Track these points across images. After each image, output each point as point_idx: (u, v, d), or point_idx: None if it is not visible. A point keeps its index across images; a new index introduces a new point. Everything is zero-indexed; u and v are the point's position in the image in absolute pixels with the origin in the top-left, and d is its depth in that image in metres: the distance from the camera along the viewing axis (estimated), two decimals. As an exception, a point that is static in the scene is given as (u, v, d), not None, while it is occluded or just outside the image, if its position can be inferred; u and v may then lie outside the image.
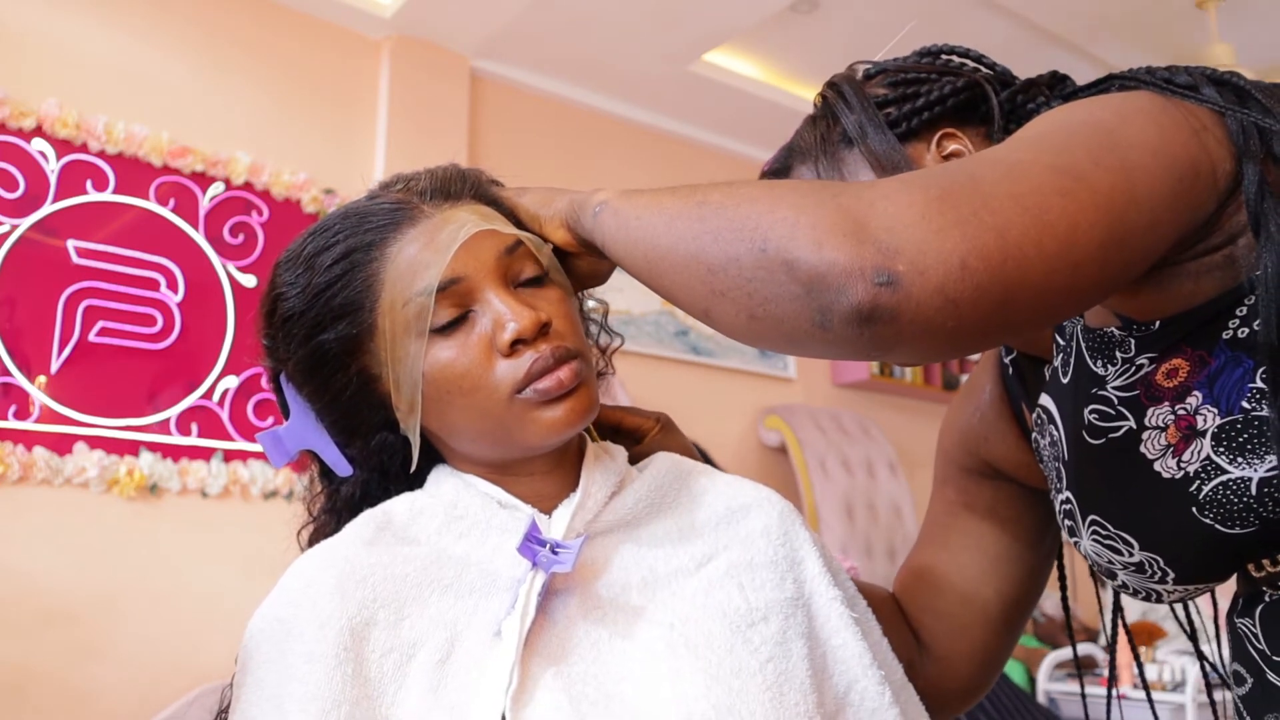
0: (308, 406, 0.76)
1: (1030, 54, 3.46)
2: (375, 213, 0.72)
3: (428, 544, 0.71)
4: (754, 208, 0.57)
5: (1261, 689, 0.74)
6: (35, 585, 2.34)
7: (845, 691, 0.73)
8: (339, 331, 0.71)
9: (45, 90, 2.55)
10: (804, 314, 0.54)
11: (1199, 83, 0.70)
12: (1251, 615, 0.74)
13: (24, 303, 2.45)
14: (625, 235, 0.66)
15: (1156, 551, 0.73)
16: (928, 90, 0.85)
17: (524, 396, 0.69)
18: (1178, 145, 0.63)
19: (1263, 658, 0.74)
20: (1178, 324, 0.69)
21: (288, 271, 0.74)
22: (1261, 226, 0.63)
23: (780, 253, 0.54)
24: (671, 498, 0.78)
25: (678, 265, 0.60)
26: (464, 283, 0.69)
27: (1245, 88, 0.69)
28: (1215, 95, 0.68)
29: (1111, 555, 0.77)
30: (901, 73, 0.88)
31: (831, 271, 0.52)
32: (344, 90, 3.10)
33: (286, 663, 0.64)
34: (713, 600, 0.71)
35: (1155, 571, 0.75)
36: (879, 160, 0.84)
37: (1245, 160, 0.65)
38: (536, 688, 0.64)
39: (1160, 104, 0.66)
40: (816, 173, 0.87)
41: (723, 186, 0.61)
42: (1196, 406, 0.68)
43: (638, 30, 3.22)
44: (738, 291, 0.56)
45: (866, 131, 0.85)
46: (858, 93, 0.87)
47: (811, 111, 0.92)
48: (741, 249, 0.56)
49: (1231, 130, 0.66)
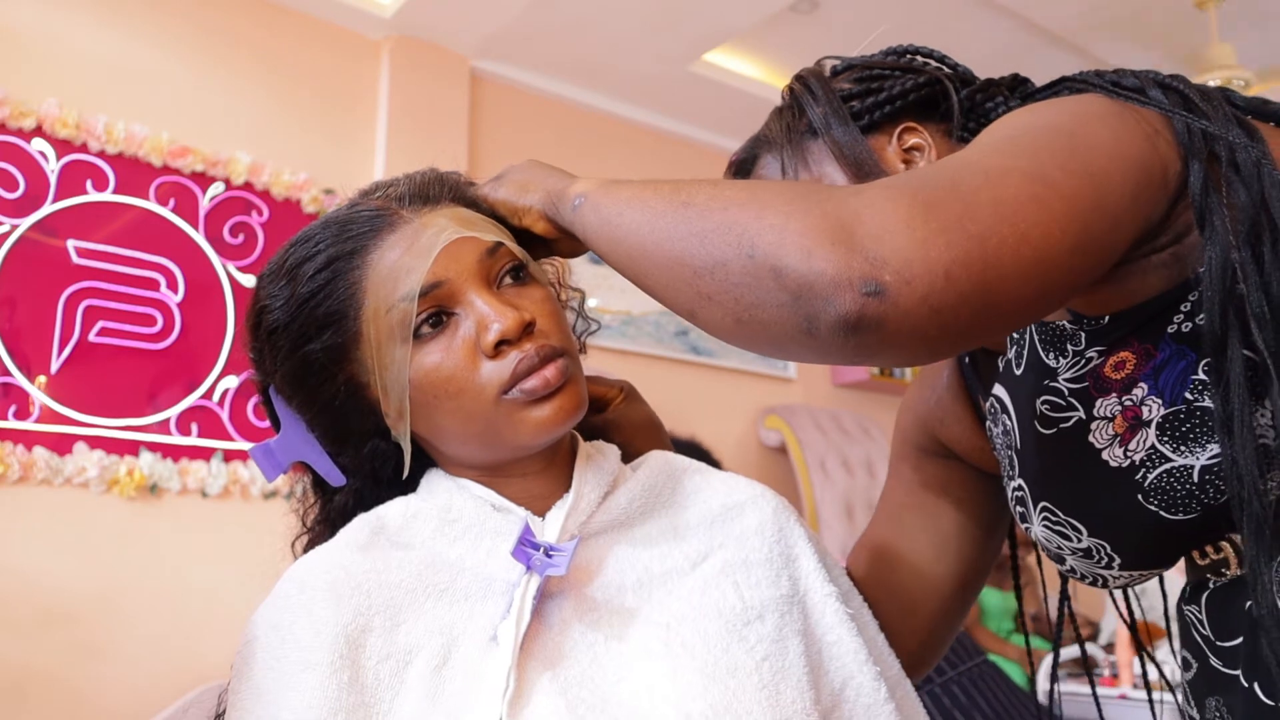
0: (298, 417, 0.76)
1: (1030, 54, 3.45)
2: (355, 220, 0.72)
3: (422, 548, 0.71)
4: (741, 212, 0.57)
5: (1205, 674, 0.78)
6: (35, 585, 2.34)
7: (841, 687, 0.73)
8: (325, 341, 0.71)
9: (45, 90, 2.55)
10: (791, 320, 0.54)
11: (1146, 85, 0.72)
12: (1198, 602, 0.77)
13: (24, 303, 2.45)
14: (608, 232, 0.66)
15: (1104, 537, 0.76)
16: (890, 85, 0.88)
17: (511, 397, 0.69)
18: (1134, 149, 0.65)
19: (1207, 643, 0.77)
20: (1126, 319, 0.72)
21: (271, 284, 0.74)
22: (1206, 223, 0.65)
23: (768, 259, 0.54)
24: (665, 497, 0.78)
25: (662, 265, 0.60)
26: (446, 286, 0.69)
27: (1187, 93, 0.71)
28: (1162, 98, 0.70)
29: (1061, 541, 0.79)
30: (866, 68, 0.91)
31: (820, 281, 0.52)
32: (344, 90, 3.10)
33: (282, 670, 0.64)
34: (708, 599, 0.71)
35: (1102, 557, 0.78)
36: (842, 151, 0.86)
37: (1192, 160, 0.67)
38: (533, 692, 0.64)
39: (1114, 108, 0.68)
40: (781, 162, 0.89)
41: (707, 186, 0.61)
42: (1142, 398, 0.71)
43: (638, 30, 3.22)
44: (724, 296, 0.57)
45: (831, 123, 0.87)
46: (823, 86, 0.90)
47: (778, 104, 0.95)
48: (729, 253, 0.56)
49: (1179, 132, 0.68)
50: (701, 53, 3.38)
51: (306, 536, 0.81)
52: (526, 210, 0.76)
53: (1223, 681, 0.77)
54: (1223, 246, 0.65)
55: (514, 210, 0.77)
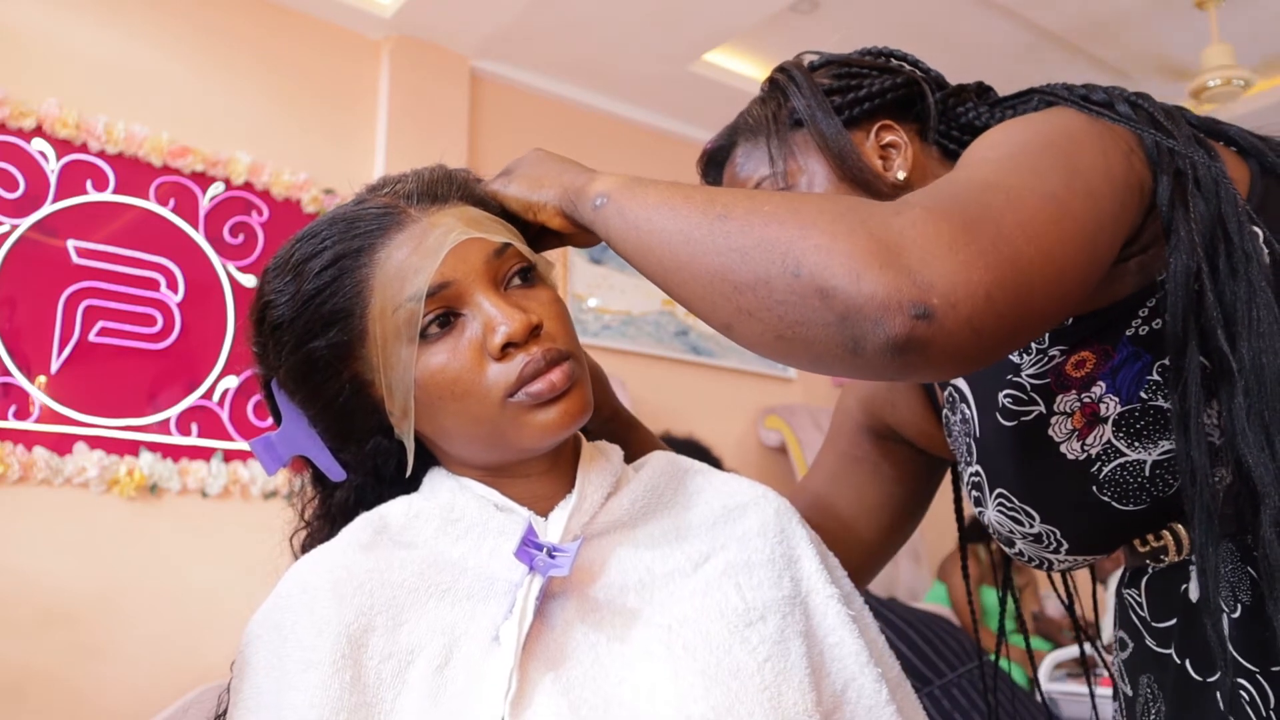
0: (300, 412, 0.75)
1: (1030, 54, 3.45)
2: (363, 218, 0.71)
3: (424, 548, 0.71)
4: (783, 229, 0.57)
5: (1139, 652, 0.85)
6: (35, 585, 2.34)
7: (842, 689, 0.73)
8: (329, 338, 0.71)
9: (45, 90, 2.55)
10: (837, 340, 0.56)
11: (1115, 100, 0.77)
12: (1137, 586, 0.84)
13: (24, 303, 2.45)
14: (636, 237, 0.66)
15: (1055, 524, 0.82)
16: (869, 83, 0.91)
17: (516, 400, 0.68)
18: (1119, 168, 0.69)
19: (1144, 624, 0.84)
20: (1088, 321, 0.77)
21: (276, 279, 0.73)
22: (1172, 233, 0.70)
23: (815, 279, 0.55)
24: (668, 498, 0.78)
25: (699, 278, 0.61)
26: (453, 287, 0.69)
27: (1152, 111, 0.76)
28: (1130, 114, 0.76)
29: (1013, 526, 0.85)
30: (845, 65, 0.94)
31: (869, 304, 0.54)
32: (344, 90, 3.10)
33: (284, 670, 0.64)
34: (710, 601, 0.71)
35: (1051, 542, 0.84)
36: (826, 143, 0.88)
37: (1160, 174, 0.72)
38: (535, 693, 0.64)
39: (1095, 126, 0.72)
40: (767, 150, 0.91)
41: (743, 198, 0.61)
42: (1100, 395, 0.76)
43: (638, 30, 3.22)
44: (766, 313, 0.58)
45: (816, 115, 0.89)
46: (806, 78, 0.92)
47: (759, 93, 0.97)
48: (773, 271, 0.57)
49: (1148, 148, 0.73)
50: (701, 53, 3.38)
51: (305, 531, 0.81)
52: (541, 206, 0.76)
53: (1155, 659, 0.83)
54: (1187, 255, 0.69)
55: (528, 206, 0.76)
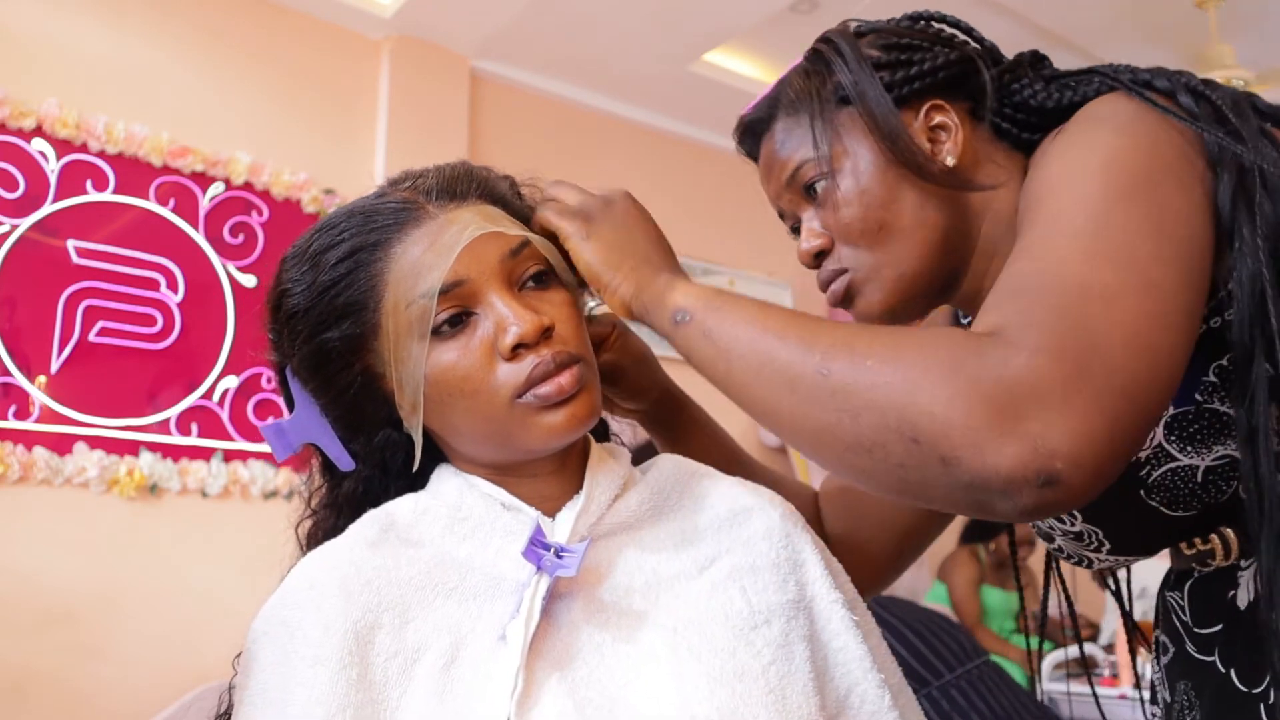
0: (312, 400, 0.76)
1: (1030, 54, 3.46)
2: (381, 212, 0.72)
3: (431, 546, 0.71)
4: (890, 390, 0.56)
5: (1180, 658, 0.82)
6: (35, 585, 2.34)
7: (846, 694, 0.73)
8: (343, 331, 0.71)
9: (45, 90, 2.55)
10: (964, 500, 0.55)
11: (1177, 90, 0.73)
12: (1181, 590, 0.81)
13: (24, 303, 2.45)
14: (726, 369, 0.65)
15: (1099, 525, 0.80)
16: (921, 59, 0.83)
17: (524, 401, 0.68)
18: (1198, 195, 0.66)
19: (1185, 629, 0.81)
20: None
21: (294, 268, 0.74)
22: (1236, 235, 0.67)
23: (935, 449, 0.54)
24: (674, 500, 0.78)
25: (805, 430, 0.60)
26: (467, 285, 0.69)
27: (1219, 103, 0.72)
28: (1193, 106, 0.72)
29: (1055, 522, 0.83)
30: (895, 35, 0.86)
31: (995, 478, 0.53)
32: (344, 90, 3.09)
33: (290, 666, 0.64)
34: (715, 604, 0.71)
35: (1093, 541, 0.81)
36: (876, 123, 0.81)
37: (1221, 172, 0.68)
38: (541, 692, 0.64)
39: (1165, 138, 0.69)
40: (812, 131, 0.84)
41: (840, 345, 0.59)
42: None
43: (638, 30, 3.22)
44: (886, 475, 0.57)
45: (866, 93, 0.82)
46: (855, 51, 0.84)
47: (801, 63, 0.90)
48: (889, 438, 0.56)
49: (1209, 147, 0.70)
50: (701, 53, 3.38)
51: (310, 520, 0.81)
52: (611, 291, 0.74)
53: (1195, 666, 0.80)
54: (1252, 260, 0.66)
55: (597, 281, 0.74)
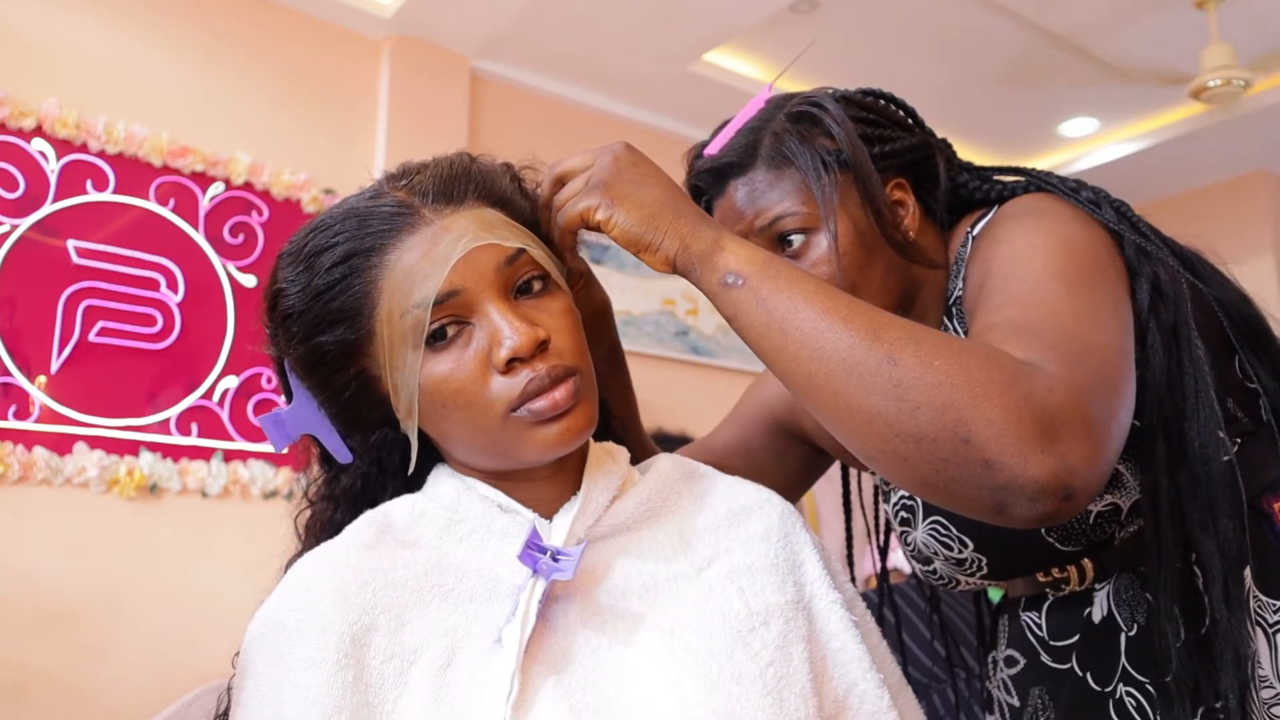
0: (309, 395, 0.75)
1: (1031, 54, 3.45)
2: (376, 215, 0.70)
3: (428, 548, 0.71)
4: (956, 394, 0.60)
5: (1033, 667, 0.95)
6: (35, 585, 2.34)
7: (844, 695, 0.73)
8: (337, 335, 0.71)
9: (45, 90, 2.55)
10: (986, 501, 0.60)
11: (1100, 202, 0.85)
12: (1037, 610, 0.94)
13: (24, 303, 2.45)
14: (780, 339, 0.66)
15: (987, 554, 0.89)
16: (895, 138, 0.91)
17: (518, 415, 0.68)
18: (1123, 287, 0.78)
19: (1040, 643, 0.93)
20: None
21: (289, 267, 0.73)
22: (1148, 333, 0.80)
23: (983, 452, 0.59)
24: (672, 501, 0.77)
25: (855, 414, 0.62)
26: (462, 295, 0.68)
27: (1133, 219, 0.85)
28: (1114, 218, 0.84)
29: (940, 549, 0.92)
30: (865, 110, 0.92)
31: (1031, 486, 0.59)
32: (344, 90, 3.09)
33: (286, 668, 0.64)
34: (713, 605, 0.70)
35: (974, 567, 0.91)
36: (867, 190, 0.87)
37: (1139, 279, 0.81)
38: (537, 696, 0.64)
39: (1098, 235, 0.81)
40: (804, 188, 0.87)
41: (906, 340, 0.62)
42: None
43: (638, 30, 3.22)
44: (924, 465, 0.60)
45: (861, 163, 0.88)
46: (847, 120, 0.89)
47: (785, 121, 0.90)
48: (941, 433, 0.59)
49: (1127, 254, 0.82)
50: (701, 53, 3.38)
51: (309, 511, 0.81)
52: (654, 249, 0.71)
53: (1049, 673, 0.93)
54: (1164, 354, 0.79)
55: (638, 243, 0.71)
